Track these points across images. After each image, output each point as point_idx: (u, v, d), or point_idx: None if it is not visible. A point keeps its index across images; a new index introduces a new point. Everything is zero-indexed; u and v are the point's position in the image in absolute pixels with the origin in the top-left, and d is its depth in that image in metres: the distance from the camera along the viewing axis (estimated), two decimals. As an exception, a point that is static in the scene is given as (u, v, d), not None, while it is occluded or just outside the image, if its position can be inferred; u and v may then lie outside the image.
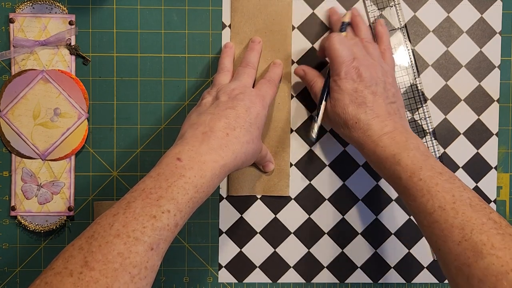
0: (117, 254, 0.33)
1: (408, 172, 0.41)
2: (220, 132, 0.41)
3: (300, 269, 0.54)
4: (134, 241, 0.33)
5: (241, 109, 0.43)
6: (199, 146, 0.39)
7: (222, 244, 0.54)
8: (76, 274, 0.32)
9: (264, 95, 0.46)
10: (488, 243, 0.35)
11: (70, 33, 0.51)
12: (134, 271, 0.33)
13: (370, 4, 0.53)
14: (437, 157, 0.53)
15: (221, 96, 0.44)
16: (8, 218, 0.52)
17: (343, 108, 0.45)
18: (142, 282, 0.33)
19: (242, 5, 0.52)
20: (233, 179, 0.53)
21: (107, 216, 0.35)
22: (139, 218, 0.34)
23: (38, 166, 0.51)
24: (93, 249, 0.33)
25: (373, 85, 0.45)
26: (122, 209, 0.35)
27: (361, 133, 0.45)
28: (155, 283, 0.53)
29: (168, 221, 0.35)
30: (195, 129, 0.41)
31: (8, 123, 0.51)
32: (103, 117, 0.52)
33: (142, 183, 0.37)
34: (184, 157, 0.38)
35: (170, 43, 0.52)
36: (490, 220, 0.36)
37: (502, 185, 0.54)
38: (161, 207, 0.35)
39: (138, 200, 0.35)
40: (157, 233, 0.34)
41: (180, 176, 0.37)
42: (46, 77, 0.51)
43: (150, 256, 0.34)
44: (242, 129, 0.42)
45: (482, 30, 0.54)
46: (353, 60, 0.45)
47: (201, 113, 0.43)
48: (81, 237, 0.34)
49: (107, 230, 0.34)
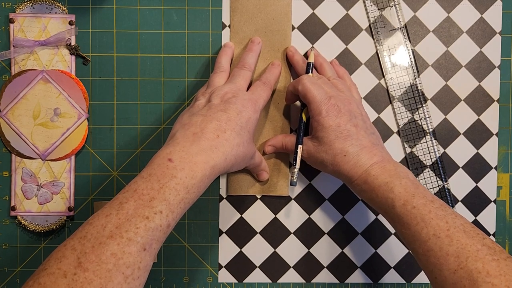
0: (110, 255, 0.33)
1: (401, 200, 0.41)
2: (211, 133, 0.41)
3: (300, 269, 0.54)
4: (128, 242, 0.34)
5: (233, 113, 0.43)
6: (189, 146, 0.40)
7: (222, 244, 0.54)
8: (70, 275, 0.32)
9: (257, 99, 0.46)
10: (483, 270, 0.35)
11: (70, 33, 0.51)
12: (127, 271, 0.33)
13: (370, 4, 0.53)
14: (437, 157, 0.53)
15: (214, 99, 0.44)
16: (8, 218, 0.52)
17: (329, 145, 0.45)
18: (135, 283, 0.34)
19: (241, 5, 0.52)
20: (232, 179, 0.53)
21: (100, 216, 0.35)
22: (132, 219, 0.35)
23: (38, 166, 0.51)
24: (86, 250, 0.33)
25: (353, 118, 0.46)
26: (114, 210, 0.35)
27: (351, 165, 0.45)
28: (155, 283, 0.53)
29: (160, 221, 0.36)
30: (186, 130, 0.41)
31: (8, 123, 0.51)
32: (103, 117, 0.52)
33: (134, 183, 0.37)
34: (175, 157, 0.39)
35: (170, 43, 0.52)
36: (485, 246, 0.37)
37: (502, 185, 0.54)
38: (154, 208, 0.36)
39: (131, 201, 0.36)
40: (150, 234, 0.35)
41: (172, 177, 0.37)
42: (46, 77, 0.51)
43: (143, 257, 0.34)
44: (233, 132, 0.42)
45: (482, 30, 0.54)
46: (330, 98, 0.46)
47: (193, 114, 0.43)
48: (73, 237, 0.34)
49: (100, 231, 0.34)
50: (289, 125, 0.53)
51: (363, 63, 0.53)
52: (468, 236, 0.38)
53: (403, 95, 0.53)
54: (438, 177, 0.53)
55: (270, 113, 0.53)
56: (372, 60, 0.53)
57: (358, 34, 0.53)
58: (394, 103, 0.53)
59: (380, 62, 0.53)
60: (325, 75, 0.50)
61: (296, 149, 0.48)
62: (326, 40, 0.53)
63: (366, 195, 0.44)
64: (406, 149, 0.54)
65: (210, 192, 0.53)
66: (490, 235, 0.54)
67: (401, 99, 0.53)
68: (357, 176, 0.44)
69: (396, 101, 0.53)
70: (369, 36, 0.53)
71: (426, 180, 0.53)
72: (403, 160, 0.54)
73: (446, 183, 0.54)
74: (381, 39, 0.53)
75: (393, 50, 0.53)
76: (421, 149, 0.53)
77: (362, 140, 0.45)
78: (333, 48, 0.53)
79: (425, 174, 0.53)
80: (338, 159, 0.45)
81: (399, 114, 0.53)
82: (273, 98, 0.53)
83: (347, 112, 0.46)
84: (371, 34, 0.53)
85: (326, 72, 0.51)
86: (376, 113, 0.54)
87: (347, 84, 0.51)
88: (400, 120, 0.53)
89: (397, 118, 0.53)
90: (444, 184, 0.54)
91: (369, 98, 0.53)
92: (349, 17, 0.53)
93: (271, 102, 0.53)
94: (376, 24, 0.53)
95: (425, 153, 0.53)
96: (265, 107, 0.52)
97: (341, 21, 0.53)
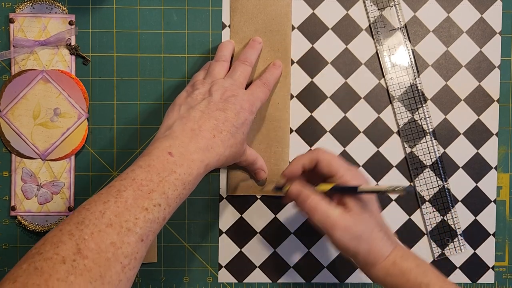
0: (110, 244, 0.33)
1: (436, 286, 0.39)
2: (208, 132, 0.41)
3: (300, 269, 0.54)
4: (127, 232, 0.34)
5: (231, 113, 0.43)
6: (188, 143, 0.40)
7: (222, 244, 0.54)
8: (69, 261, 0.31)
9: (255, 100, 0.46)
10: None
11: (70, 33, 0.51)
12: (125, 261, 0.33)
13: (370, 4, 0.53)
14: (437, 157, 0.53)
15: (214, 94, 0.44)
16: (8, 218, 0.52)
17: (370, 213, 0.42)
18: (131, 273, 0.34)
19: (241, 5, 0.52)
20: (232, 178, 0.53)
21: (97, 203, 0.35)
22: (132, 209, 0.35)
23: (38, 166, 0.51)
24: (85, 237, 0.32)
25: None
26: (113, 197, 0.35)
27: (384, 242, 0.41)
28: (155, 283, 0.53)
29: (158, 214, 0.36)
30: (184, 124, 0.41)
31: (8, 123, 0.51)
32: (103, 117, 0.52)
33: (132, 172, 0.37)
34: (175, 152, 0.39)
35: (170, 43, 0.52)
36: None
37: (502, 185, 0.54)
38: (153, 200, 0.36)
39: (129, 190, 0.35)
40: (148, 225, 0.35)
41: (172, 172, 0.38)
42: (46, 77, 0.51)
43: (139, 247, 0.34)
44: (228, 133, 0.42)
45: (482, 30, 0.54)
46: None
47: (191, 107, 0.43)
48: (69, 222, 0.34)
49: (98, 218, 0.33)
50: (289, 125, 0.53)
51: (363, 63, 0.53)
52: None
53: (403, 95, 0.53)
54: (438, 177, 0.53)
55: (269, 113, 0.53)
56: (372, 60, 0.53)
57: (358, 34, 0.53)
58: (394, 103, 0.53)
59: (380, 62, 0.53)
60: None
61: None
62: (326, 40, 0.53)
63: (393, 280, 0.41)
64: (406, 149, 0.54)
65: (210, 192, 0.53)
66: (490, 235, 0.54)
67: (401, 99, 0.53)
68: (386, 256, 0.41)
69: (396, 101, 0.53)
70: (369, 36, 0.53)
71: (426, 180, 0.53)
72: (403, 160, 0.54)
73: (446, 183, 0.54)
74: (381, 39, 0.53)
75: (393, 50, 0.53)
76: (421, 149, 0.53)
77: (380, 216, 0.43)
78: (333, 48, 0.53)
79: (425, 174, 0.53)
80: (375, 235, 0.41)
81: (399, 114, 0.53)
82: (272, 98, 0.53)
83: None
84: (371, 34, 0.53)
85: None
86: (376, 113, 0.54)
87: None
88: (400, 120, 0.53)
89: (397, 118, 0.53)
90: (444, 184, 0.54)
91: (369, 98, 0.53)
92: (349, 17, 0.53)
93: (271, 102, 0.53)
94: (376, 24, 0.53)
95: (425, 153, 0.53)
96: (264, 107, 0.52)
97: (341, 21, 0.53)
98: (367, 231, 0.40)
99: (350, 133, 0.54)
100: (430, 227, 0.54)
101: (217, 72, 0.47)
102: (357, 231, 0.40)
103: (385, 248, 0.41)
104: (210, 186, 0.53)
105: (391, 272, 0.40)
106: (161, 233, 0.53)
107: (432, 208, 0.53)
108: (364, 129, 0.54)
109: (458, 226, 0.54)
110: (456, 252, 0.54)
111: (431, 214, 0.53)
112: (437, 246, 0.54)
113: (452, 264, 0.54)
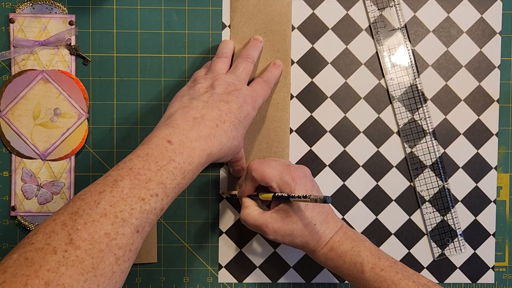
0: (104, 234, 0.32)
1: (369, 264, 0.42)
2: (211, 121, 0.41)
3: (300, 269, 0.54)
4: (122, 223, 0.33)
5: (234, 105, 0.43)
6: (189, 130, 0.39)
7: (222, 244, 0.54)
8: (61, 251, 0.30)
9: (257, 96, 0.46)
10: None
11: (70, 33, 0.51)
12: (119, 252, 0.32)
13: (370, 4, 0.53)
14: (437, 157, 0.53)
15: (217, 87, 0.44)
16: (8, 218, 0.52)
17: (299, 214, 0.45)
18: (125, 264, 0.33)
19: (241, 5, 0.52)
20: (232, 178, 0.53)
21: (92, 192, 0.34)
22: (127, 199, 0.34)
23: (38, 166, 0.51)
24: (78, 227, 0.32)
25: (314, 183, 0.47)
26: (108, 187, 0.34)
27: (321, 234, 0.45)
28: (155, 283, 0.53)
29: (155, 205, 0.35)
30: (186, 112, 0.41)
31: (8, 123, 0.51)
32: (103, 117, 0.52)
33: (129, 161, 0.36)
34: (175, 140, 0.38)
35: (170, 43, 0.52)
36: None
37: (502, 185, 0.54)
38: (150, 190, 0.35)
39: (126, 179, 0.35)
40: (144, 216, 0.34)
41: (170, 161, 0.37)
42: (46, 77, 0.51)
43: (135, 239, 0.34)
44: (231, 124, 0.42)
45: (482, 30, 0.54)
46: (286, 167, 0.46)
47: (194, 97, 0.43)
48: (63, 212, 0.33)
49: (93, 208, 0.33)
50: (289, 125, 0.53)
51: (363, 63, 0.53)
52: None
53: (403, 95, 0.53)
54: (438, 177, 0.53)
55: (269, 113, 0.53)
56: (372, 60, 0.53)
57: (358, 34, 0.53)
58: (394, 103, 0.53)
59: (380, 62, 0.53)
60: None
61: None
62: (326, 40, 0.53)
63: (332, 263, 0.44)
64: (406, 149, 0.54)
65: (210, 192, 0.53)
66: (490, 235, 0.54)
67: (401, 99, 0.53)
68: (324, 244, 0.44)
69: (396, 101, 0.53)
70: (369, 36, 0.53)
71: (426, 180, 0.53)
72: (403, 160, 0.54)
73: (446, 183, 0.54)
74: (381, 39, 0.53)
75: (393, 50, 0.53)
76: (421, 149, 0.53)
77: (325, 205, 0.45)
78: (333, 48, 0.53)
79: (425, 174, 0.53)
80: (309, 229, 0.44)
81: (399, 114, 0.53)
82: (272, 98, 0.53)
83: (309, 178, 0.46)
84: (371, 34, 0.53)
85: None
86: (376, 113, 0.54)
87: None
88: (400, 120, 0.53)
89: (397, 118, 0.53)
90: (444, 184, 0.54)
91: (369, 98, 0.54)
92: (349, 17, 0.53)
93: (271, 102, 0.53)
94: (376, 24, 0.53)
95: (425, 153, 0.53)
96: (264, 107, 0.52)
97: (341, 21, 0.53)
98: (298, 228, 0.44)
99: (350, 133, 0.54)
100: (430, 227, 0.54)
101: (219, 67, 0.47)
102: (287, 230, 0.44)
103: (323, 237, 0.44)
104: (210, 186, 0.53)
105: (330, 256, 0.44)
106: (161, 233, 0.53)
107: (432, 208, 0.53)
108: (364, 129, 0.54)
109: (458, 226, 0.54)
110: (456, 252, 0.54)
111: (431, 214, 0.53)
112: (437, 246, 0.54)
113: (452, 264, 0.54)
